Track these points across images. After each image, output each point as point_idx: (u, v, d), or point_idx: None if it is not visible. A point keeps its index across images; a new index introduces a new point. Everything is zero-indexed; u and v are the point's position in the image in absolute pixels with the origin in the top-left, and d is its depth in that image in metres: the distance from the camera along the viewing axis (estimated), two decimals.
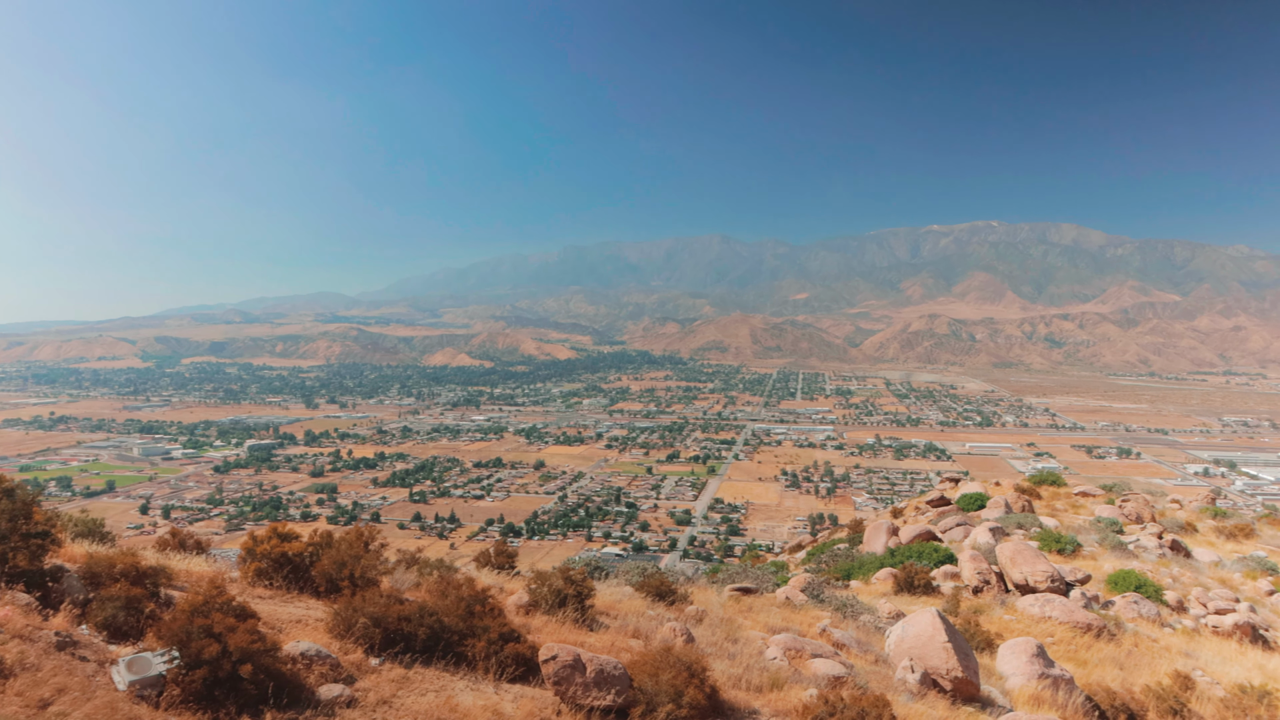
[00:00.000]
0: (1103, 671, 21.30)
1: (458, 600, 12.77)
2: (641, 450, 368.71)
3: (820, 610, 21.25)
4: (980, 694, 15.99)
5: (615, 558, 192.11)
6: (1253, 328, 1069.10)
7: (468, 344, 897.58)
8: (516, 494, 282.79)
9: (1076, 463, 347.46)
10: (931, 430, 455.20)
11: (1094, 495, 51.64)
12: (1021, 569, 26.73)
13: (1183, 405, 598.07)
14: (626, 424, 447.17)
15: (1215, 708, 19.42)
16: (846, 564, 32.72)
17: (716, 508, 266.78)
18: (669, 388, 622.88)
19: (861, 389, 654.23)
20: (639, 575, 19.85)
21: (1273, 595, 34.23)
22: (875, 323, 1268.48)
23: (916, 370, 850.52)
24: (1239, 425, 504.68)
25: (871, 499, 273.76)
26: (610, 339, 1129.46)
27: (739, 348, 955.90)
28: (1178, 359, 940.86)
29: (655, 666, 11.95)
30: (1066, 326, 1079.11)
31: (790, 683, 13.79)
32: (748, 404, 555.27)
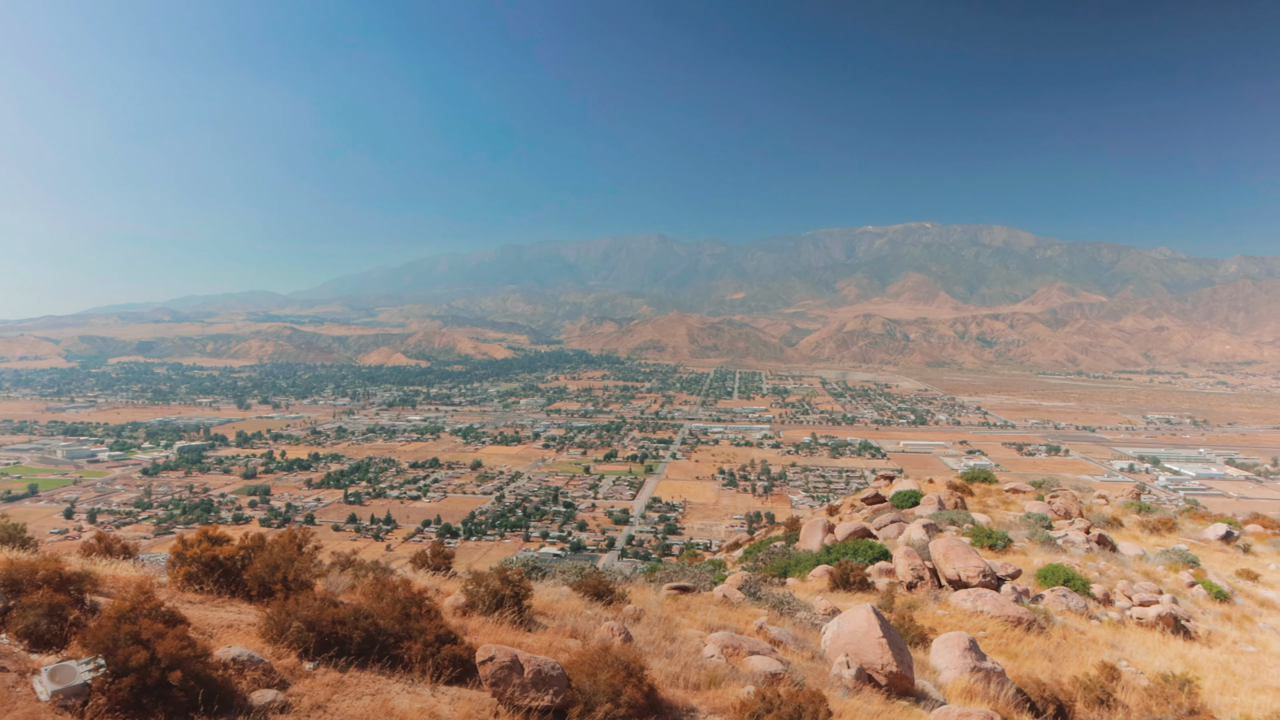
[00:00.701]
0: (1033, 664, 21.71)
1: (394, 602, 12.63)
2: (579, 450, 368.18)
3: (757, 608, 21.38)
4: (914, 688, 16.20)
5: (553, 558, 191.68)
6: (1175, 328, 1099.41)
7: (404, 343, 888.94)
8: (453, 494, 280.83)
9: (1007, 460, 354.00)
10: (866, 428, 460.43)
11: (1024, 492, 52.64)
12: (954, 564, 27.15)
13: (1109, 403, 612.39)
14: (564, 423, 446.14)
15: (1140, 697, 19.88)
16: (783, 561, 32.95)
17: (654, 507, 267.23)
18: (606, 387, 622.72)
19: (798, 388, 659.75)
20: (577, 575, 19.82)
21: (1194, 587, 35.16)
22: (811, 322, 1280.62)
23: (852, 369, 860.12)
24: (1162, 422, 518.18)
25: (808, 497, 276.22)
26: (548, 338, 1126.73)
27: (676, 347, 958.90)
28: (1104, 358, 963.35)
29: (593, 666, 11.92)
30: (998, 326, 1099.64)
31: (728, 680, 13.85)
32: (685, 403, 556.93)
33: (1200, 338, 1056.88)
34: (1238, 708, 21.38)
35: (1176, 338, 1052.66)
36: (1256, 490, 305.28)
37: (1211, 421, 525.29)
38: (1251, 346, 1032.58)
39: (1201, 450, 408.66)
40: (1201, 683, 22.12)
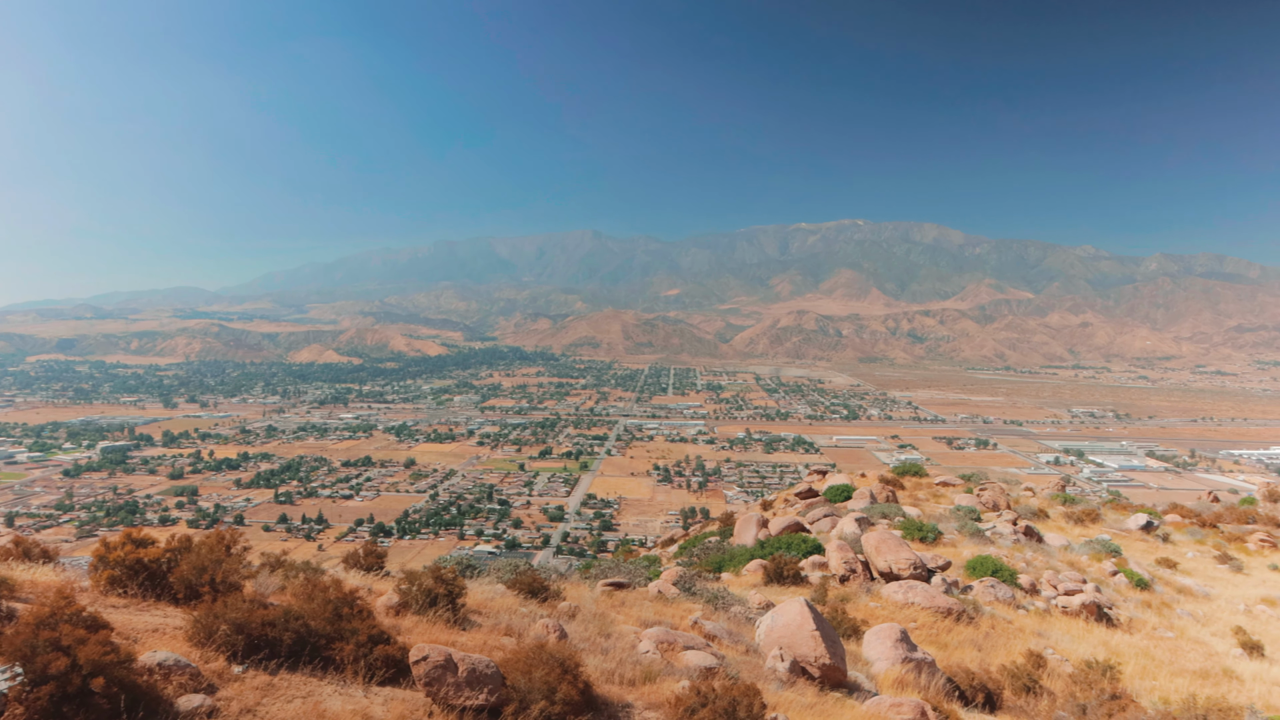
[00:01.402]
0: (962, 653, 22.09)
1: (325, 603, 12.45)
2: (514, 447, 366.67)
3: (692, 603, 21.47)
4: (847, 679, 16.38)
5: (488, 555, 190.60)
6: (1098, 324, 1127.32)
7: (335, 340, 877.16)
8: (387, 493, 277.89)
9: (938, 454, 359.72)
10: (800, 424, 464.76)
11: (954, 485, 53.50)
12: (886, 557, 27.51)
13: (1036, 398, 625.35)
14: (499, 420, 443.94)
15: (1064, 683, 20.34)
16: (718, 557, 33.11)
17: (589, 503, 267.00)
18: (541, 384, 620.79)
19: (732, 384, 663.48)
20: (511, 572, 19.72)
21: (1116, 576, 36.05)
22: (745, 319, 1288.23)
23: (785, 365, 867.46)
24: (1086, 416, 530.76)
25: (742, 492, 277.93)
26: (482, 335, 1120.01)
27: (611, 343, 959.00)
28: (1031, 353, 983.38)
29: (528, 664, 11.88)
30: (928, 323, 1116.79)
31: (663, 675, 13.89)
32: (620, 399, 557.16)
33: (1123, 334, 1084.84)
34: (1157, 691, 21.98)
35: (1100, 334, 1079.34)
36: (1175, 481, 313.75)
37: (1133, 415, 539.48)
38: (1171, 342, 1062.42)
39: (1124, 443, 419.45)
40: (1123, 668, 22.70)
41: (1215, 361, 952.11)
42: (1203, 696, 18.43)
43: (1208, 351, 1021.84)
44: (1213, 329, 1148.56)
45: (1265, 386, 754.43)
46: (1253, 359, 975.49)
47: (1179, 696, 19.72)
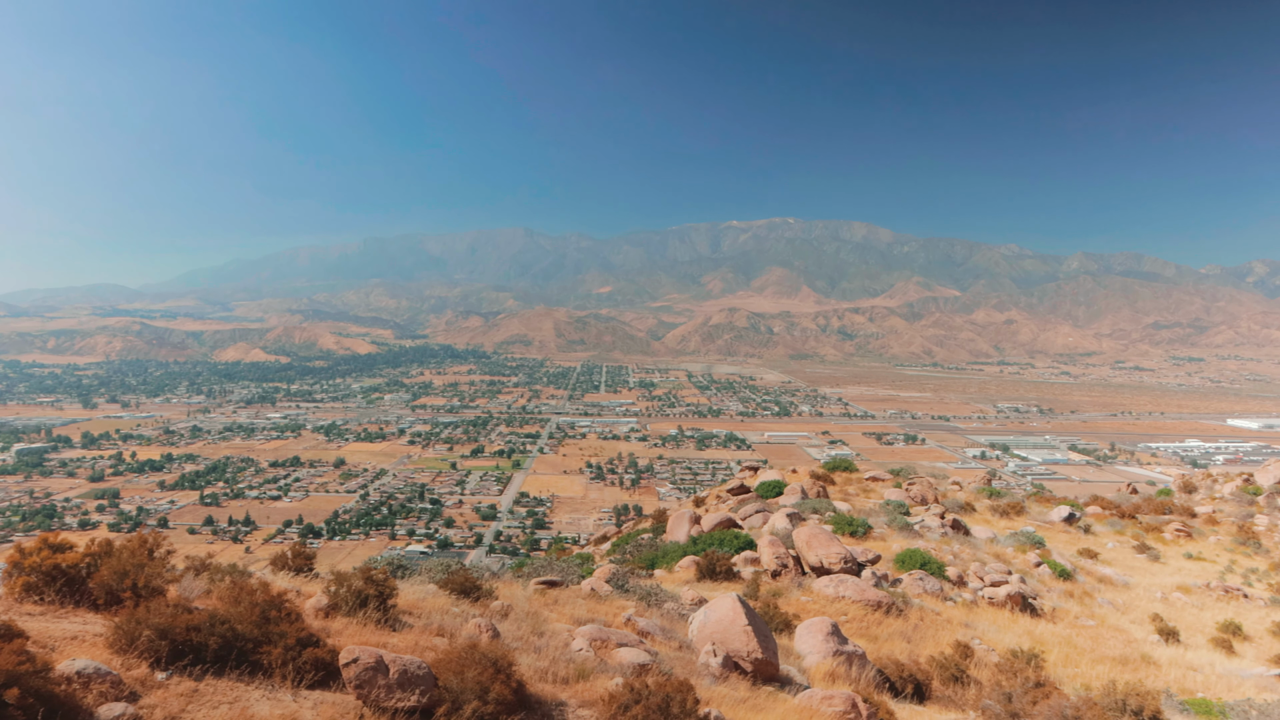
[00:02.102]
0: (892, 645, 22.41)
1: (252, 606, 12.22)
2: (445, 445, 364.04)
3: (625, 600, 21.48)
4: (780, 673, 16.51)
5: (420, 555, 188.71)
6: (1022, 321, 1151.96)
7: (263, 339, 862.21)
8: (316, 493, 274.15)
9: (867, 449, 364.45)
10: (732, 420, 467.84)
11: (883, 480, 54.23)
12: (817, 552, 27.79)
13: (962, 393, 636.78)
14: (430, 419, 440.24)
15: (991, 672, 20.72)
16: (650, 553, 33.17)
17: (522, 502, 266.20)
18: (473, 382, 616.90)
19: (664, 381, 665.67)
20: (443, 572, 19.55)
21: (1040, 567, 36.86)
22: (677, 316, 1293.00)
23: (717, 362, 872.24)
24: (1011, 411, 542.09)
25: (675, 489, 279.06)
26: (412, 333, 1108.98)
27: (543, 341, 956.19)
28: (958, 350, 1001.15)
29: (460, 664, 11.79)
30: (858, 320, 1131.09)
31: (596, 673, 13.88)
32: (552, 397, 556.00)
33: (1046, 330, 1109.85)
34: (1079, 678, 22.54)
35: (1024, 330, 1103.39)
36: (1096, 474, 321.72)
37: (1056, 410, 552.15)
38: (1091, 339, 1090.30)
39: (1047, 437, 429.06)
40: (1047, 656, 23.22)
41: (1134, 357, 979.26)
42: (1122, 682, 18.92)
43: (1127, 348, 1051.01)
44: (1131, 326, 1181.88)
45: (1180, 381, 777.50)
46: (1168, 355, 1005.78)
47: (1100, 683, 20.22)
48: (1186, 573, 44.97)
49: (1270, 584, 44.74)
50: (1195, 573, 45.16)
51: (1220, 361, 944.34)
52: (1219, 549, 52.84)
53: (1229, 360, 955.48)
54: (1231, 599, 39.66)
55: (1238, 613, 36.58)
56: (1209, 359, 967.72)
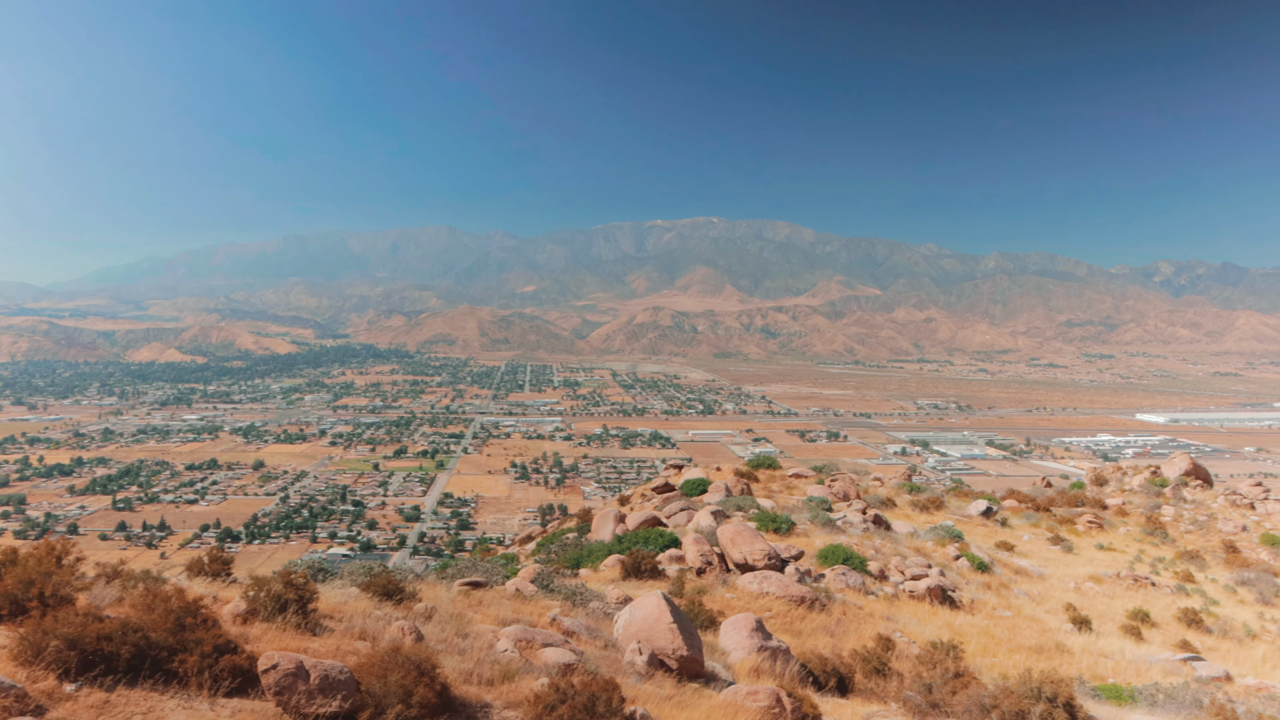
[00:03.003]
0: (816, 640, 22.66)
1: (166, 613, 11.91)
2: (368, 446, 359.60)
3: (550, 600, 21.41)
4: (705, 670, 16.59)
5: (342, 558, 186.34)
6: (941, 319, 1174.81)
7: (178, 338, 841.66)
8: (234, 496, 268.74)
9: (791, 446, 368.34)
10: (657, 419, 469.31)
11: (806, 476, 54.80)
12: (741, 549, 27.99)
13: (883, 390, 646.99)
14: (352, 420, 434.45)
15: (912, 664, 21.07)
16: (575, 553, 33.12)
17: (446, 502, 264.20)
18: (395, 382, 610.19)
19: (589, 380, 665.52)
20: (366, 575, 19.30)
21: (959, 560, 37.59)
22: (602, 315, 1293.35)
23: (642, 361, 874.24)
24: (931, 408, 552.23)
25: (600, 488, 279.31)
26: (334, 332, 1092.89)
27: (467, 340, 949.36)
28: (879, 348, 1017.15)
29: (383, 668, 11.64)
30: (781, 318, 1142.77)
31: (522, 674, 13.81)
32: (476, 397, 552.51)
33: (964, 328, 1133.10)
34: (997, 667, 23.04)
35: (943, 328, 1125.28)
36: (1013, 468, 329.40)
37: (974, 406, 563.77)
38: (1008, 336, 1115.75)
39: (965, 433, 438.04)
40: (966, 647, 23.69)
41: (1048, 354, 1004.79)
42: (1037, 670, 19.36)
43: (1041, 345, 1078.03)
44: (1045, 324, 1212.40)
45: (1092, 378, 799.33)
46: (1081, 352, 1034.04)
47: (1016, 671, 20.66)
48: (1098, 563, 46.25)
49: (1176, 572, 46.23)
50: (1106, 563, 46.46)
51: (1129, 358, 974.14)
52: (1128, 539, 54.45)
53: (1137, 357, 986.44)
54: (1140, 588, 40.90)
55: (1146, 601, 37.74)
56: (1119, 356, 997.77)
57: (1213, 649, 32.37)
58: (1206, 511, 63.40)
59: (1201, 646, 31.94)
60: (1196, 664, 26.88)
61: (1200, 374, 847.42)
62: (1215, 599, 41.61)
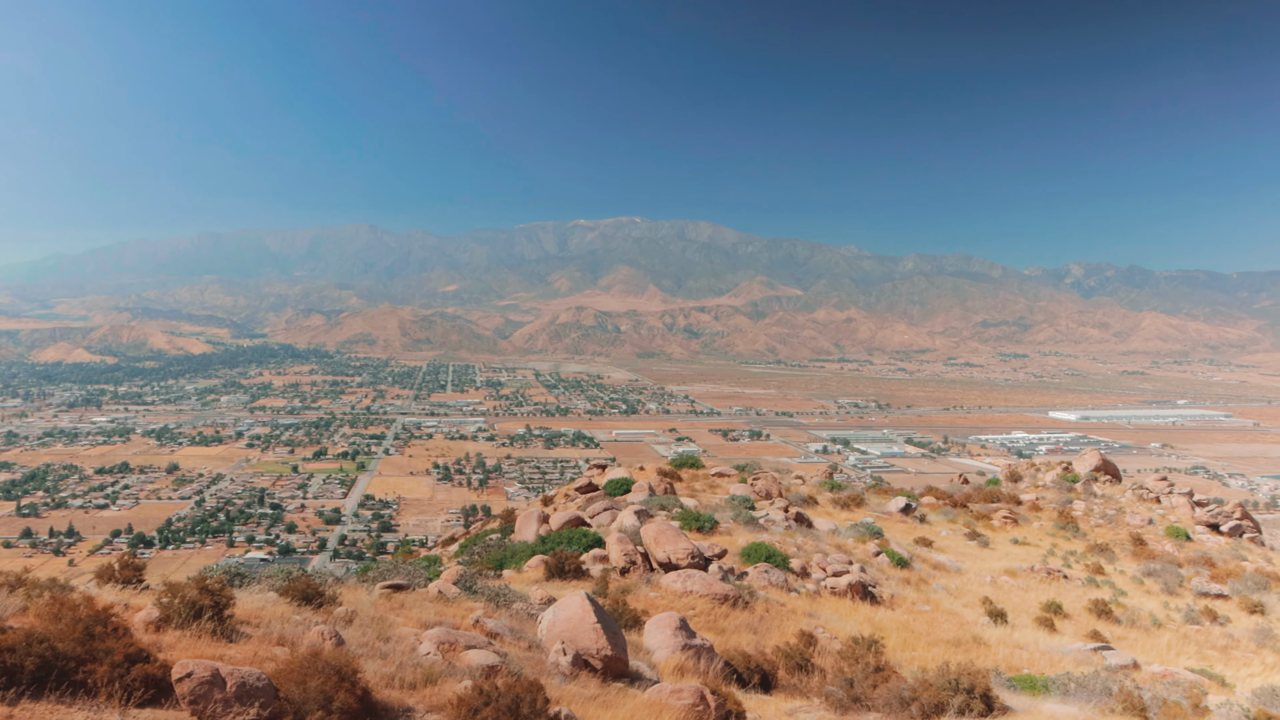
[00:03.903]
0: (739, 637, 22.80)
1: (74, 622, 11.53)
2: (286, 448, 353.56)
3: (473, 602, 21.24)
4: (630, 669, 16.60)
5: (260, 562, 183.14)
6: (861, 319, 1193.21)
7: (86, 338, 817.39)
8: (147, 501, 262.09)
9: (714, 445, 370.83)
10: (580, 419, 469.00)
11: (729, 475, 55.15)
12: (665, 548, 28.06)
13: (805, 390, 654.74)
14: (269, 421, 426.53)
15: (833, 659, 21.34)
16: (499, 554, 32.90)
17: (367, 504, 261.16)
18: (315, 382, 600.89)
19: (512, 380, 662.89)
20: (284, 579, 18.93)
21: (879, 556, 38.17)
22: (525, 315, 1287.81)
23: (565, 361, 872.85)
24: (851, 406, 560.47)
25: (523, 488, 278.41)
26: (251, 332, 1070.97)
27: (388, 340, 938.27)
28: (801, 348, 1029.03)
29: (303, 673, 11.42)
30: (703, 319, 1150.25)
31: (445, 677, 13.67)
32: (398, 397, 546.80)
33: (883, 328, 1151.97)
34: (916, 661, 23.46)
35: (863, 329, 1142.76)
36: (931, 466, 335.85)
37: (893, 405, 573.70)
38: (925, 336, 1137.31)
39: (885, 431, 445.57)
40: (886, 642, 24.06)
41: (964, 354, 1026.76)
42: (955, 663, 19.73)
43: (958, 345, 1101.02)
44: (962, 324, 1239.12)
45: (1007, 376, 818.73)
46: (996, 351, 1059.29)
47: (935, 664, 21.03)
48: (1013, 557, 47.35)
49: (1087, 565, 47.55)
50: (1021, 557, 47.59)
51: (1042, 357, 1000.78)
52: (1042, 534, 55.88)
53: (1050, 356, 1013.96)
54: (1053, 580, 41.98)
55: (1059, 593, 38.73)
56: (1032, 355, 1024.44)
57: (1121, 638, 33.34)
58: (1115, 506, 65.40)
59: (1111, 636, 32.85)
60: (1106, 653, 27.66)
61: (1109, 373, 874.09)
62: (1124, 590, 42.88)
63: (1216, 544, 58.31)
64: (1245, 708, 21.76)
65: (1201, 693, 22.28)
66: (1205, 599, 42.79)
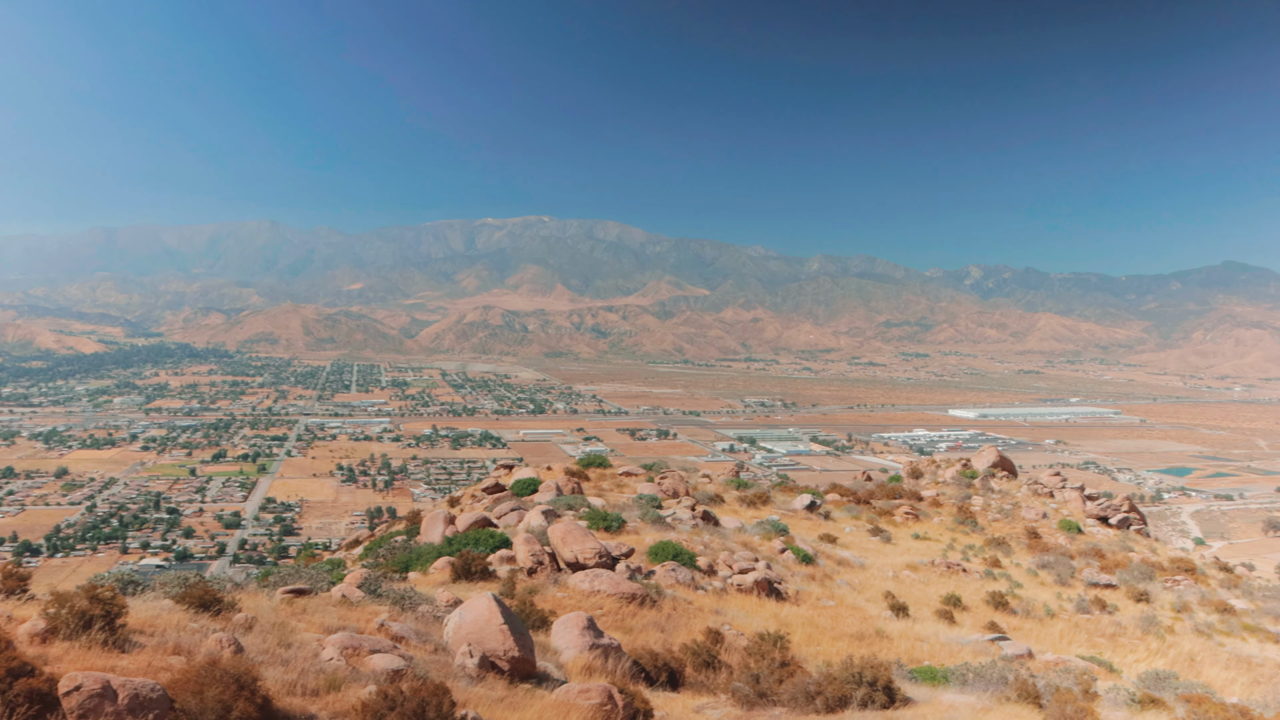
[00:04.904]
0: (647, 636, 22.89)
1: None
2: (184, 451, 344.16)
3: (378, 605, 20.94)
4: (537, 670, 16.54)
5: (155, 569, 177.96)
6: (768, 319, 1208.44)
7: None
8: (34, 507, 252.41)
9: (622, 445, 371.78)
10: (487, 419, 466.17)
11: (637, 474, 55.30)
12: (572, 547, 28.02)
13: (712, 389, 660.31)
14: (166, 423, 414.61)
15: (740, 656, 21.56)
16: (404, 556, 32.49)
17: (269, 508, 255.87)
18: (214, 383, 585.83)
19: (418, 380, 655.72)
20: (180, 586, 18.40)
21: (784, 553, 38.68)
22: (431, 314, 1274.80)
23: (472, 361, 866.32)
24: (758, 405, 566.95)
25: (430, 489, 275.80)
26: (146, 331, 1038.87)
27: (291, 339, 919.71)
28: (708, 347, 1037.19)
29: (199, 683, 11.12)
30: (611, 318, 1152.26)
31: (349, 682, 13.45)
32: (301, 398, 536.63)
33: (789, 328, 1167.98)
34: (821, 655, 23.82)
35: (769, 328, 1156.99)
36: (836, 463, 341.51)
37: (799, 403, 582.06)
38: (830, 336, 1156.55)
39: (791, 429, 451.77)
40: (792, 637, 24.36)
41: (868, 353, 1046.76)
42: (858, 656, 20.10)
43: (861, 344, 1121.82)
44: (865, 324, 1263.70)
45: (909, 375, 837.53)
46: (898, 351, 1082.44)
47: (839, 658, 21.38)
48: (915, 552, 48.44)
49: (985, 558, 48.90)
50: (922, 551, 48.71)
51: (943, 357, 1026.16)
52: (942, 529, 57.30)
53: (950, 356, 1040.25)
54: (953, 574, 43.06)
55: (958, 586, 39.76)
56: (933, 355, 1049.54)
57: (1017, 628, 34.37)
58: (1012, 501, 67.44)
59: (1007, 627, 33.84)
60: (1003, 643, 28.51)
61: (1006, 372, 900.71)
62: (1019, 582, 44.20)
63: (1106, 536, 60.55)
64: (1131, 691, 22.66)
65: (1091, 679, 23.13)
66: (1095, 589, 44.35)
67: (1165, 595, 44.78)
